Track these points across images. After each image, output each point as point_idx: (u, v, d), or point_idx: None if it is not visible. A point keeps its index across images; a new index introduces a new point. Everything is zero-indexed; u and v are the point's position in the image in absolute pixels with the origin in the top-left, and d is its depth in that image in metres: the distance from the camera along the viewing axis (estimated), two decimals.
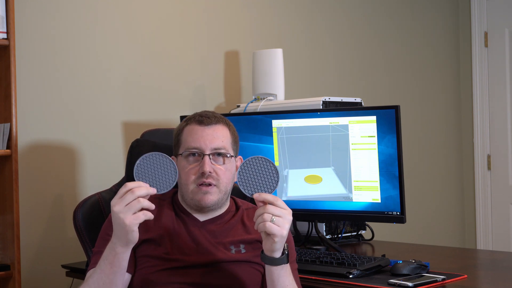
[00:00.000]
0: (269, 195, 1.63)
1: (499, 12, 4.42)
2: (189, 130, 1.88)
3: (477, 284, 2.09)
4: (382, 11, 4.16)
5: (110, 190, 2.21)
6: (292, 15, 3.68)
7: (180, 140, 1.90)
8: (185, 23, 3.24)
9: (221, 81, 3.38)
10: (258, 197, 1.64)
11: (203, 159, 1.83)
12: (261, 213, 1.61)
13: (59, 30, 2.82)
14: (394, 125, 2.35)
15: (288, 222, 1.62)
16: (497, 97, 4.43)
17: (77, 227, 2.07)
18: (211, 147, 1.84)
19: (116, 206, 1.58)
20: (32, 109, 2.74)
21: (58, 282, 2.74)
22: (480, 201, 4.50)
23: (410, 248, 2.77)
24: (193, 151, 1.84)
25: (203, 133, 1.86)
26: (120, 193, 1.59)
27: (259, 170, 1.69)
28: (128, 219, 1.56)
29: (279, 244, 1.63)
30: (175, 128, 1.96)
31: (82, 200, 2.13)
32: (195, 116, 1.91)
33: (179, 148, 1.90)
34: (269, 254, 1.65)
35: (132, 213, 1.57)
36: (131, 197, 1.57)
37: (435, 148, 4.47)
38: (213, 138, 1.85)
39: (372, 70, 4.08)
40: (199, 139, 1.85)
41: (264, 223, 1.60)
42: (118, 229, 1.60)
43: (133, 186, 1.59)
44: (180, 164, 1.86)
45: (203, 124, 1.87)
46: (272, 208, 1.61)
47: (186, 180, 1.84)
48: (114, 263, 1.64)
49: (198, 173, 1.82)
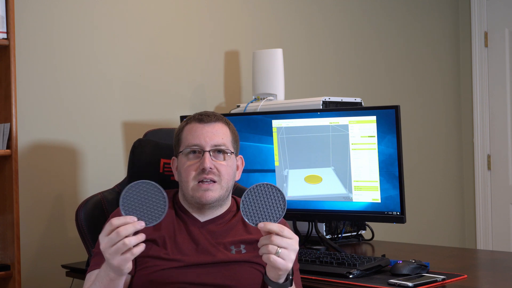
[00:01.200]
0: (275, 225, 1.55)
1: (499, 12, 4.42)
2: (189, 129, 1.89)
3: (477, 284, 2.09)
4: (382, 11, 4.16)
5: (113, 190, 2.21)
6: (292, 15, 3.68)
7: (180, 139, 1.90)
8: (185, 23, 3.24)
9: (221, 81, 3.38)
10: (263, 228, 1.55)
11: (203, 155, 1.83)
12: (265, 243, 1.55)
13: (59, 30, 2.82)
14: (394, 125, 2.35)
15: (294, 253, 1.56)
16: (497, 97, 4.43)
17: (80, 226, 2.07)
18: (211, 144, 1.84)
19: (103, 244, 1.50)
20: (32, 109, 2.74)
21: (58, 282, 2.74)
22: (480, 201, 4.50)
23: (410, 248, 2.77)
24: (193, 148, 1.85)
25: (203, 130, 1.86)
26: (105, 231, 1.51)
27: (264, 198, 1.58)
28: (116, 261, 1.50)
29: (284, 275, 1.59)
30: (177, 128, 1.96)
31: (84, 200, 2.13)
32: (195, 115, 1.92)
33: (179, 146, 1.90)
34: (273, 279, 1.61)
35: (119, 255, 1.49)
36: (117, 238, 1.48)
37: (435, 148, 4.47)
38: (213, 135, 1.86)
39: (372, 70, 4.08)
40: (199, 136, 1.85)
41: (269, 256, 1.54)
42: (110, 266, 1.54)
43: (118, 223, 1.49)
44: (181, 162, 1.87)
45: (203, 122, 1.88)
46: (278, 239, 1.54)
47: (187, 177, 1.84)
48: (109, 287, 1.60)
49: (199, 169, 1.82)
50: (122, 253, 1.49)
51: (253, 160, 2.59)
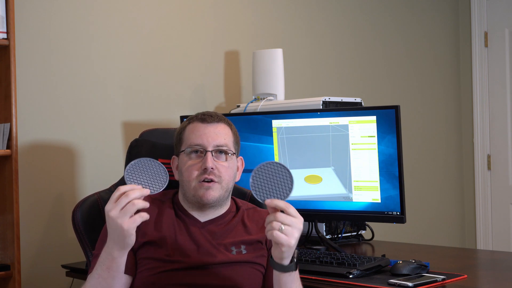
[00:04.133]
0: (281, 202, 1.57)
1: (499, 12, 4.42)
2: (191, 128, 1.89)
3: (477, 284, 2.09)
4: (382, 11, 4.16)
5: (109, 190, 2.20)
6: (292, 15, 3.68)
7: (182, 138, 1.90)
8: (185, 23, 3.24)
9: (221, 81, 3.38)
10: (270, 203, 1.57)
11: (205, 155, 1.83)
12: (271, 220, 1.56)
13: (59, 30, 2.82)
14: (394, 125, 2.35)
15: (297, 231, 1.57)
16: (497, 97, 4.43)
17: (76, 227, 2.07)
18: (213, 144, 1.84)
19: (112, 211, 1.56)
20: (32, 109, 2.74)
21: (58, 282, 2.74)
22: (480, 201, 4.50)
23: (410, 248, 2.77)
24: (195, 147, 1.84)
25: (206, 130, 1.86)
26: (113, 198, 1.58)
27: (273, 176, 1.63)
28: (125, 224, 1.55)
29: (287, 253, 1.59)
30: (177, 128, 1.96)
31: (81, 200, 2.12)
32: (197, 115, 1.92)
33: (181, 146, 1.90)
34: (278, 261, 1.61)
35: (128, 217, 1.55)
36: (125, 200, 1.56)
37: (435, 148, 4.47)
38: (216, 135, 1.86)
39: (372, 70, 4.08)
40: (202, 136, 1.85)
41: (272, 231, 1.55)
42: (115, 234, 1.59)
43: (126, 189, 1.58)
44: (182, 161, 1.87)
45: (206, 122, 1.88)
46: (283, 216, 1.56)
47: (189, 177, 1.84)
48: (112, 267, 1.63)
49: (201, 169, 1.82)
50: (130, 216, 1.56)
51: (253, 160, 2.59)
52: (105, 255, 1.64)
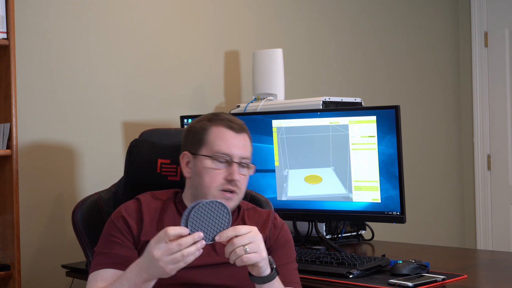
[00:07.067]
0: (229, 231, 1.57)
1: (499, 12, 4.42)
2: (218, 133, 1.85)
3: (477, 284, 2.09)
4: (382, 11, 4.16)
5: (109, 190, 2.20)
6: (293, 15, 3.68)
7: (204, 140, 1.85)
8: (185, 23, 3.24)
9: (221, 81, 3.37)
10: (220, 239, 1.57)
11: (231, 166, 1.82)
12: (231, 249, 1.56)
13: (59, 30, 2.82)
14: (394, 125, 2.35)
15: (261, 242, 1.59)
16: (497, 97, 4.43)
17: (76, 227, 2.07)
18: (240, 156, 1.83)
19: (158, 253, 1.51)
20: (32, 109, 2.74)
21: (58, 282, 2.74)
22: (480, 201, 4.50)
23: (410, 248, 2.77)
24: (224, 157, 1.82)
25: (234, 140, 1.84)
26: (163, 238, 1.52)
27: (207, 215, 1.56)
28: (168, 269, 1.52)
29: (265, 266, 1.61)
30: (196, 125, 1.90)
31: (81, 200, 2.12)
32: (222, 119, 1.87)
33: (202, 147, 1.85)
34: (258, 275, 1.62)
35: (174, 264, 1.52)
36: (176, 248, 1.50)
37: (435, 148, 4.47)
38: (243, 147, 1.85)
39: (372, 70, 4.08)
40: (230, 146, 1.83)
41: (241, 257, 1.55)
42: (152, 269, 1.55)
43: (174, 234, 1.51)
44: (203, 164, 1.83)
45: (234, 130, 1.85)
46: (239, 239, 1.56)
47: (211, 183, 1.81)
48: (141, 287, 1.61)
49: (224, 179, 1.81)
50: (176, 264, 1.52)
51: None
52: (134, 275, 1.60)
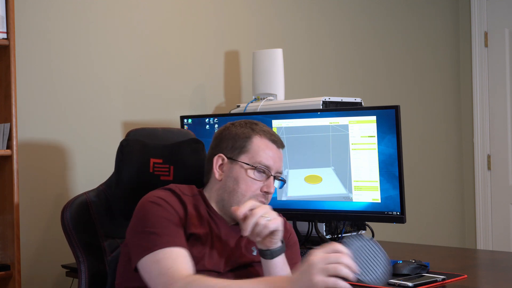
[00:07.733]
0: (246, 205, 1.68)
1: (499, 12, 4.42)
2: (263, 144, 1.88)
3: (477, 284, 2.09)
4: (382, 11, 4.16)
5: (97, 189, 2.19)
6: (293, 15, 3.68)
7: (247, 148, 1.88)
8: (185, 23, 3.24)
9: (221, 81, 3.38)
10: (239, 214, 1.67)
11: (268, 179, 1.86)
12: (254, 222, 1.64)
13: (59, 30, 2.82)
14: (394, 125, 2.35)
15: (272, 210, 1.68)
16: (497, 97, 4.43)
17: (65, 227, 2.07)
18: (276, 170, 1.89)
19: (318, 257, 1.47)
20: (32, 109, 2.74)
21: (58, 282, 2.74)
22: (480, 201, 4.50)
23: (410, 248, 2.77)
24: (264, 169, 1.86)
25: (276, 154, 1.89)
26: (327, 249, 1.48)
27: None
28: (316, 277, 1.44)
29: (280, 235, 1.69)
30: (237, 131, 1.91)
31: (70, 200, 2.11)
32: (264, 131, 1.90)
33: (242, 154, 1.87)
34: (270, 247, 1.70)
35: (324, 275, 1.44)
36: (335, 259, 1.44)
37: (435, 148, 4.47)
38: (280, 162, 1.90)
39: (372, 70, 4.08)
40: (272, 159, 1.87)
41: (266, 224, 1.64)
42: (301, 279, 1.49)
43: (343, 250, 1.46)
44: (242, 171, 1.86)
45: (276, 144, 1.90)
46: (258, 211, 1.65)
47: (246, 191, 1.84)
48: None
49: (261, 190, 1.85)
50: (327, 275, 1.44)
51: None
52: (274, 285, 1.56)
